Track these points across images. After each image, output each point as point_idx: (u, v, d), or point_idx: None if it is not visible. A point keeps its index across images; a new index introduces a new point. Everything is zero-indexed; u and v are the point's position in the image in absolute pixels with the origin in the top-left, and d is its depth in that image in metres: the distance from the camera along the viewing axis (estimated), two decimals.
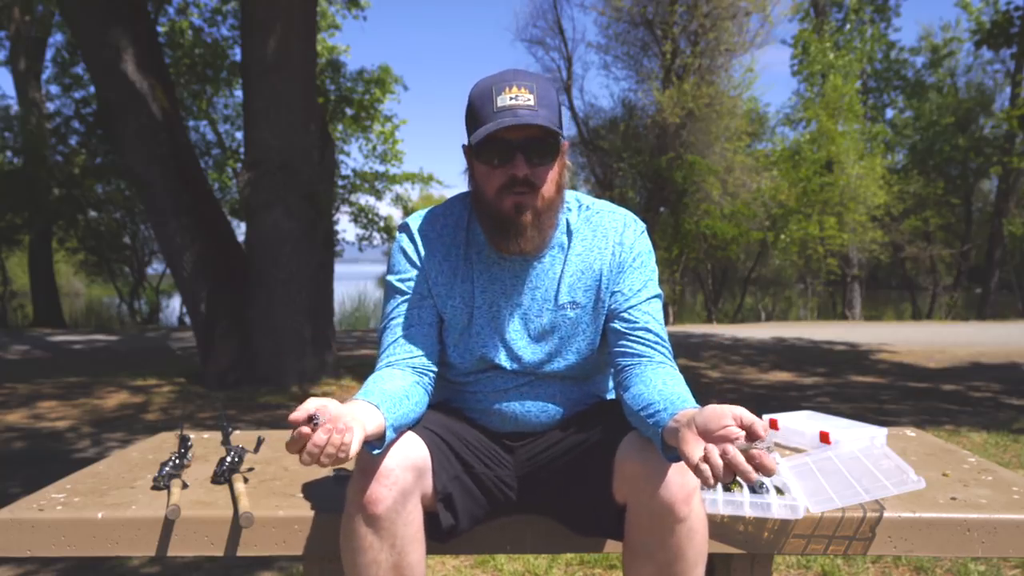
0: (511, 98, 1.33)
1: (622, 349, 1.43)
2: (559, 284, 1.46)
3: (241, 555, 1.41)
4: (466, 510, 1.39)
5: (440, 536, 1.37)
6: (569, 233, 1.48)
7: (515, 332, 1.46)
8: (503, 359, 1.46)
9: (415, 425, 1.39)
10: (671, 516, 1.24)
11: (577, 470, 1.40)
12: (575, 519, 1.41)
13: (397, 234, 1.54)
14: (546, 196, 1.38)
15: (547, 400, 1.49)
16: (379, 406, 1.24)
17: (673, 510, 1.23)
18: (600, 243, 1.47)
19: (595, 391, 1.57)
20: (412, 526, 1.28)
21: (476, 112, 1.37)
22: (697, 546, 1.27)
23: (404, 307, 1.47)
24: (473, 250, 1.48)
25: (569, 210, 1.50)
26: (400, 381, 1.38)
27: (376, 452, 1.25)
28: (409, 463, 1.28)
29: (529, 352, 1.46)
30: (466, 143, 1.42)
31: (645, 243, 1.51)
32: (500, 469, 1.47)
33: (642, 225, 1.53)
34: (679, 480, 1.24)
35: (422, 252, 1.48)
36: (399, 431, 1.31)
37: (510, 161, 1.34)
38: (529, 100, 1.33)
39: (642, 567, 1.29)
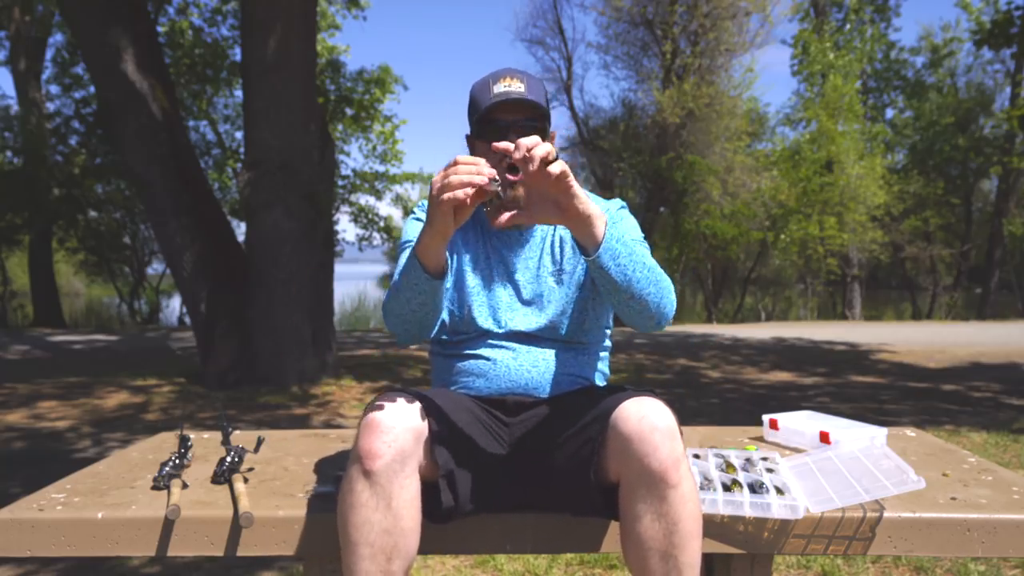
0: (505, 86, 1.54)
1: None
2: (549, 254, 1.64)
3: (241, 555, 1.41)
4: (466, 493, 1.40)
5: (439, 516, 1.38)
6: None
7: (507, 296, 1.62)
8: (495, 321, 1.60)
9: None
10: (663, 483, 1.25)
11: (569, 449, 1.42)
12: (569, 499, 1.42)
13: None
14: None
15: (537, 359, 1.58)
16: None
17: (665, 477, 1.25)
18: None
19: (585, 363, 1.63)
20: (408, 491, 1.30)
21: (476, 101, 1.57)
22: (692, 514, 1.27)
23: None
24: (475, 221, 1.67)
25: None
26: None
27: (431, 280, 1.39)
28: (410, 425, 1.31)
29: (520, 314, 1.61)
30: (468, 133, 1.62)
31: (627, 213, 1.71)
32: (497, 447, 1.50)
33: (621, 202, 1.73)
34: (669, 447, 1.26)
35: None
36: (436, 299, 1.44)
37: (505, 138, 1.49)
38: (520, 88, 1.54)
39: (641, 541, 1.29)
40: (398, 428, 1.30)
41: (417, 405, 1.37)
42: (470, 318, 1.61)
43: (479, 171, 1.27)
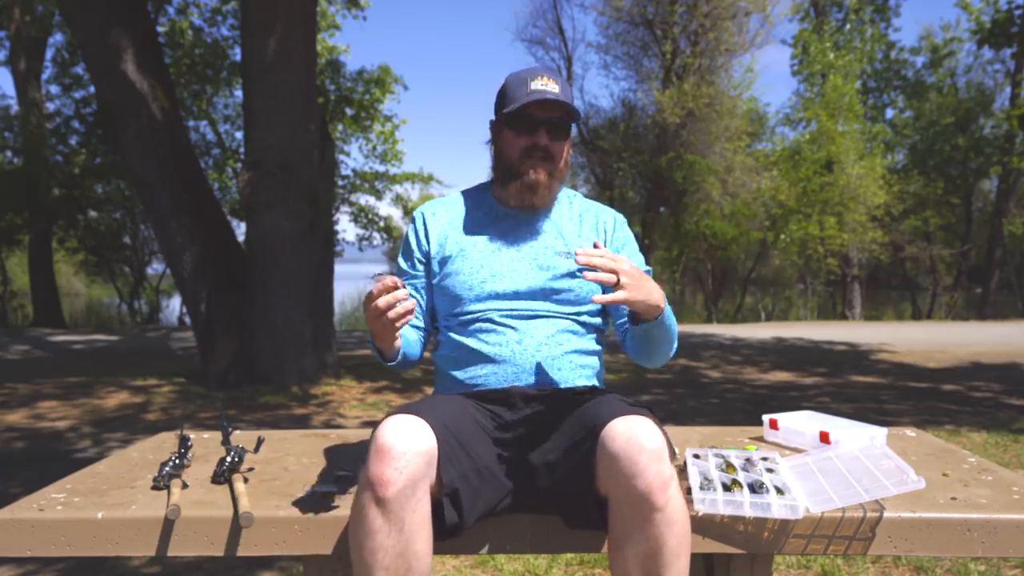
0: (542, 84, 1.67)
1: (620, 320, 1.76)
2: (559, 236, 1.75)
3: (241, 555, 1.41)
4: (471, 509, 1.40)
5: (442, 533, 1.38)
6: (569, 206, 1.83)
7: (519, 267, 1.71)
8: (507, 289, 1.68)
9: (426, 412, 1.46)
10: (648, 505, 1.25)
11: (564, 464, 1.42)
12: (565, 511, 1.43)
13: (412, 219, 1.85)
14: (558, 165, 1.73)
15: (541, 341, 1.65)
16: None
17: (650, 499, 1.25)
18: (592, 221, 1.81)
19: (585, 342, 1.71)
20: (419, 514, 1.31)
21: (512, 92, 1.70)
22: (677, 536, 1.28)
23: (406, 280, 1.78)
24: (482, 211, 1.79)
25: (564, 192, 1.85)
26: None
27: (390, 364, 1.64)
28: (421, 449, 1.31)
29: (532, 281, 1.69)
30: (493, 119, 1.78)
31: (629, 232, 1.85)
32: (498, 458, 1.50)
33: (624, 218, 1.87)
34: (656, 468, 1.26)
35: (426, 229, 1.78)
36: (406, 358, 1.69)
37: (535, 132, 1.68)
38: (555, 89, 1.68)
39: (625, 559, 1.30)
40: (409, 454, 1.29)
41: (427, 427, 1.36)
42: (477, 288, 1.68)
43: (404, 309, 1.42)
